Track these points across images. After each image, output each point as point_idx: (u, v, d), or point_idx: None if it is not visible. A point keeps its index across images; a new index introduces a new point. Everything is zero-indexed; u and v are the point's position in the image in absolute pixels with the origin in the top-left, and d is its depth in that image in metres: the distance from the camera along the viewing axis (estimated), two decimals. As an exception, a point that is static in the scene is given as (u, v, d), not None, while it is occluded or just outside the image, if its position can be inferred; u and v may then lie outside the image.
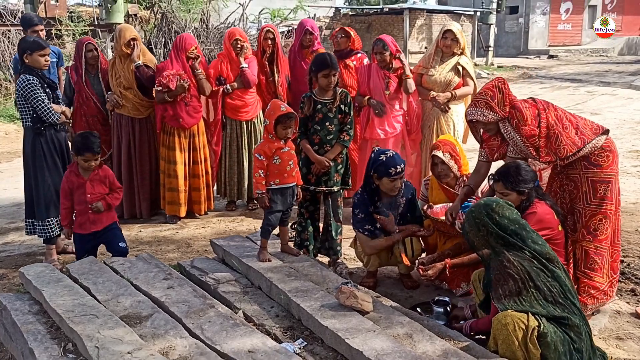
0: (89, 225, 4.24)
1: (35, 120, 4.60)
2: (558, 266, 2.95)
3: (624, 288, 4.12)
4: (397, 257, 4.04)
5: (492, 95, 3.60)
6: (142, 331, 3.02)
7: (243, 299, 3.55)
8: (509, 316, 2.83)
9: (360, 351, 2.77)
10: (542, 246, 2.94)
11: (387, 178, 3.86)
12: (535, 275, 2.86)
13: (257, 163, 3.92)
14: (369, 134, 5.39)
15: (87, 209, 4.21)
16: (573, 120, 3.63)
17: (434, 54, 5.41)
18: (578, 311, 2.92)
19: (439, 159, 4.11)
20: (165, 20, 15.93)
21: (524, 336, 2.78)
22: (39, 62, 4.59)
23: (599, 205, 3.60)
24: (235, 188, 6.02)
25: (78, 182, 4.22)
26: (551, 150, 3.54)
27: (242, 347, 2.85)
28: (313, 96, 4.23)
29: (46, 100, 4.56)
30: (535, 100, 3.68)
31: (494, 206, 2.97)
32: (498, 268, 2.92)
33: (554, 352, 2.78)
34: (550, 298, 2.88)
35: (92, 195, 4.20)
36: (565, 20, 28.07)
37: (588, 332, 2.95)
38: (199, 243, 5.17)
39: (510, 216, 2.96)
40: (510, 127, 3.60)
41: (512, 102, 3.61)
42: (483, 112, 3.63)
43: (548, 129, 3.54)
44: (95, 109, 5.55)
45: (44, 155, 4.65)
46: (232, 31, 5.89)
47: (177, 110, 5.50)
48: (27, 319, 3.27)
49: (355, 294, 3.21)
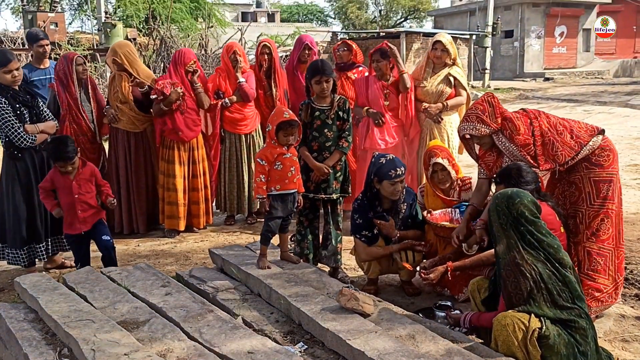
0: (79, 225, 4.25)
1: (8, 145, 4.33)
2: (570, 271, 2.90)
3: (628, 293, 4.07)
4: (399, 264, 3.99)
5: (483, 109, 3.69)
6: (140, 335, 2.97)
7: (242, 305, 3.49)
8: (509, 317, 2.79)
9: (361, 351, 2.72)
10: (557, 250, 2.87)
11: (388, 181, 3.84)
12: (547, 278, 2.80)
13: (258, 168, 3.89)
14: (368, 144, 5.37)
15: (74, 208, 4.20)
16: (567, 125, 3.65)
17: (425, 65, 5.43)
18: (585, 315, 2.87)
19: (439, 166, 4.09)
20: (164, 45, 16.09)
21: (524, 337, 2.74)
22: (5, 79, 4.25)
23: (601, 205, 3.59)
24: (234, 202, 5.99)
25: (65, 182, 4.21)
26: (549, 157, 3.55)
27: (242, 349, 2.79)
28: (311, 103, 4.23)
29: (16, 125, 4.25)
30: (526, 110, 3.75)
31: (516, 200, 2.90)
32: (510, 264, 2.86)
33: (557, 355, 2.74)
34: (560, 302, 2.82)
35: (79, 194, 4.20)
36: (559, 43, 28.35)
37: (594, 336, 2.89)
38: (197, 256, 5.11)
39: (529, 215, 2.88)
40: (505, 138, 3.65)
41: (503, 114, 3.67)
42: (475, 126, 3.70)
43: (542, 136, 3.57)
44: (85, 127, 5.36)
45: (19, 181, 4.41)
46: (230, 45, 5.92)
47: (177, 123, 5.49)
48: (22, 326, 3.22)
49: (357, 296, 3.16)
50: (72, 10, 23.14)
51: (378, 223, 3.95)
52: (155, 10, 20.51)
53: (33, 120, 4.43)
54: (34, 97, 4.57)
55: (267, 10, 36.60)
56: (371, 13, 40.43)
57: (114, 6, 21.07)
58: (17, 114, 4.30)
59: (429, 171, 4.28)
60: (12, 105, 4.29)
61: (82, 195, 4.21)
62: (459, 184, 4.11)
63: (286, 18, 39.98)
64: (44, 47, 5.87)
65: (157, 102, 5.42)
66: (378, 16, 39.08)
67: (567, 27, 28.30)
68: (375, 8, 40.37)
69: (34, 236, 4.57)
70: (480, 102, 3.73)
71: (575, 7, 27.96)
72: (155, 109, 5.47)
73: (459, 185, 4.11)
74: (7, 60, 4.25)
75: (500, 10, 26.27)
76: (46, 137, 4.49)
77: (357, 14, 38.43)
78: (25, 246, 4.54)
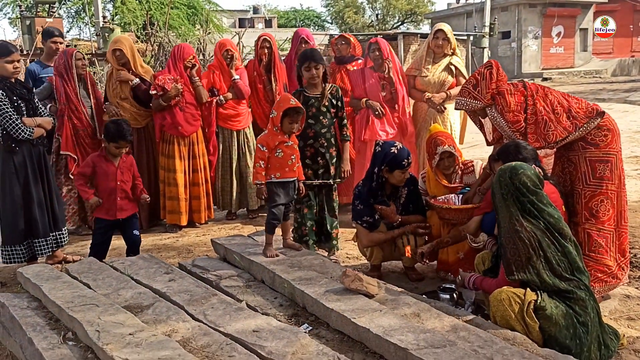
0: (116, 211, 4.35)
1: (5, 138, 4.27)
2: (570, 243, 2.91)
3: (632, 275, 4.06)
4: (401, 250, 3.99)
5: (475, 83, 3.67)
6: (144, 318, 2.96)
7: (246, 291, 3.48)
8: (504, 292, 2.85)
9: (367, 329, 2.71)
10: (557, 220, 2.90)
11: (400, 170, 3.85)
12: (546, 246, 2.83)
13: (258, 153, 3.89)
14: (368, 135, 5.37)
15: (114, 194, 4.30)
16: (565, 103, 3.61)
17: (426, 55, 5.44)
18: (585, 287, 2.88)
19: (447, 154, 4.05)
20: (163, 50, 16.10)
21: (521, 310, 2.79)
22: (6, 70, 4.23)
23: (598, 185, 3.56)
24: (228, 197, 5.97)
25: (108, 169, 4.30)
26: (540, 136, 3.53)
27: (247, 328, 2.78)
28: (304, 92, 4.26)
29: (14, 116, 4.20)
30: (526, 84, 3.68)
31: (519, 171, 2.94)
32: (510, 231, 2.89)
33: (555, 325, 2.77)
34: (558, 271, 2.84)
35: (121, 182, 4.31)
36: (557, 43, 28.39)
37: (596, 308, 2.90)
38: (200, 249, 5.10)
39: (531, 185, 2.92)
40: (496, 113, 3.63)
41: (498, 88, 3.62)
42: (467, 101, 3.71)
43: (536, 114, 3.54)
44: (85, 121, 5.35)
45: (16, 176, 4.36)
46: (223, 42, 5.94)
47: (176, 118, 5.49)
48: (26, 313, 3.21)
49: (360, 277, 3.16)
50: (69, 18, 23.16)
51: (379, 209, 3.95)
52: (153, 16, 20.57)
53: (30, 114, 4.40)
54: (30, 90, 4.55)
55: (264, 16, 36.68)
56: (368, 17, 40.54)
57: (112, 13, 21.11)
58: (14, 107, 4.27)
59: (435, 159, 4.22)
60: (10, 97, 4.25)
61: (124, 183, 4.35)
62: (460, 168, 4.11)
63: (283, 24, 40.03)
64: (57, 45, 5.77)
65: (157, 98, 5.43)
66: (375, 20, 39.17)
67: (564, 27, 28.36)
68: (372, 12, 40.49)
69: (32, 231, 4.52)
70: (475, 75, 3.69)
71: (571, 7, 28.03)
72: (155, 104, 5.47)
73: (461, 168, 4.11)
74: (9, 51, 4.26)
75: (497, 12, 26.36)
76: (43, 132, 4.46)
77: (354, 18, 38.51)
78: (24, 241, 4.50)
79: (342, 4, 39.92)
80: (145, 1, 21.39)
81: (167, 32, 17.60)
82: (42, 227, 4.54)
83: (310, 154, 4.39)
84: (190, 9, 22.95)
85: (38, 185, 4.48)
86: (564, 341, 2.76)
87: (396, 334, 2.63)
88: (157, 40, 16.40)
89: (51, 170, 4.69)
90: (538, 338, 2.77)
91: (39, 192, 4.49)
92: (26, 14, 14.85)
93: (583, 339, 2.77)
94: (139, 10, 20.68)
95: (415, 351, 2.48)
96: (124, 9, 20.53)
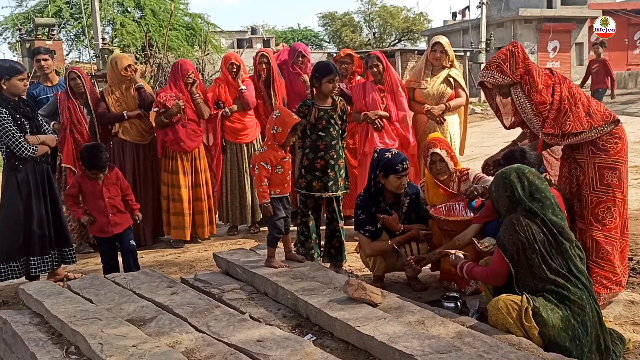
0: (110, 228, 4.36)
1: (9, 156, 4.31)
2: (571, 244, 2.92)
3: (635, 282, 4.05)
4: (403, 258, 3.98)
5: (505, 59, 3.56)
6: (147, 331, 2.95)
7: (249, 304, 3.47)
8: (501, 300, 2.88)
9: (371, 336, 2.70)
10: (559, 219, 2.94)
11: (394, 175, 3.85)
12: (541, 241, 2.87)
13: (263, 172, 3.81)
14: (368, 148, 5.38)
15: (105, 212, 4.31)
16: (585, 102, 3.57)
17: (425, 67, 5.48)
18: (583, 286, 2.88)
19: (437, 157, 4.08)
20: (162, 71, 16.23)
21: (519, 316, 2.81)
22: (17, 88, 4.29)
23: (605, 192, 3.55)
24: (237, 212, 5.98)
25: (94, 188, 4.30)
26: (557, 123, 3.49)
27: (251, 338, 2.77)
28: (315, 104, 4.31)
29: (17, 134, 4.23)
30: (553, 72, 3.64)
31: (526, 171, 3.01)
32: (507, 224, 2.96)
33: (552, 329, 2.79)
34: (553, 266, 2.88)
35: (109, 198, 4.32)
36: (553, 58, 28.61)
37: (596, 309, 2.90)
38: (201, 264, 5.09)
39: (539, 185, 2.98)
40: (522, 93, 3.55)
41: (527, 67, 3.55)
42: (494, 75, 3.58)
43: (561, 101, 3.50)
44: (87, 135, 5.44)
45: (18, 192, 4.36)
46: (228, 56, 5.99)
47: (178, 134, 5.52)
48: (28, 329, 3.19)
49: (364, 285, 3.15)
50: (68, 41, 23.33)
51: (381, 217, 3.95)
52: (152, 38, 20.75)
53: (33, 132, 4.42)
54: (33, 109, 4.57)
55: (262, 36, 36.89)
56: (365, 36, 40.85)
57: (111, 36, 21.28)
58: (18, 125, 4.28)
59: (427, 161, 4.24)
60: (13, 116, 4.28)
61: (112, 199, 4.35)
62: (458, 176, 4.12)
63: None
64: (40, 62, 5.77)
65: (158, 115, 5.46)
66: (372, 39, 39.45)
67: (560, 42, 28.60)
68: (369, 31, 40.82)
69: (28, 249, 4.48)
70: (503, 51, 3.59)
71: (566, 22, 28.29)
72: (157, 121, 5.51)
73: (458, 176, 4.12)
74: (22, 69, 4.37)
75: (493, 28, 26.56)
76: (47, 149, 4.48)
77: (351, 37, 38.81)
78: (21, 258, 4.46)
79: (339, 23, 40.27)
80: (144, 23, 21.58)
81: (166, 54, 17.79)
82: (40, 245, 4.50)
83: (320, 166, 4.41)
84: (189, 30, 23.16)
85: (40, 202, 4.46)
86: (564, 343, 2.76)
87: (401, 341, 2.62)
88: (156, 61, 16.57)
89: (56, 188, 4.69)
90: (539, 343, 2.77)
91: (40, 210, 4.47)
92: (26, 37, 14.95)
93: (582, 339, 2.78)
94: (138, 32, 20.86)
95: (420, 357, 2.47)
96: (123, 31, 20.71)
